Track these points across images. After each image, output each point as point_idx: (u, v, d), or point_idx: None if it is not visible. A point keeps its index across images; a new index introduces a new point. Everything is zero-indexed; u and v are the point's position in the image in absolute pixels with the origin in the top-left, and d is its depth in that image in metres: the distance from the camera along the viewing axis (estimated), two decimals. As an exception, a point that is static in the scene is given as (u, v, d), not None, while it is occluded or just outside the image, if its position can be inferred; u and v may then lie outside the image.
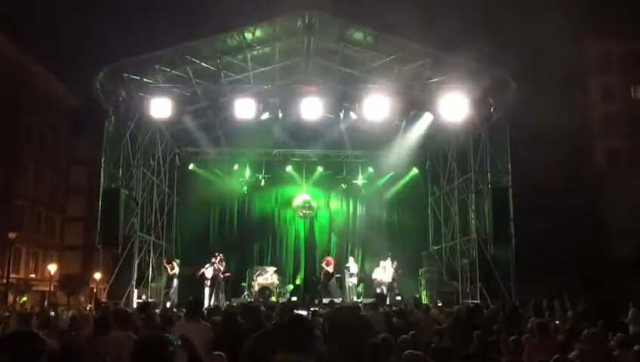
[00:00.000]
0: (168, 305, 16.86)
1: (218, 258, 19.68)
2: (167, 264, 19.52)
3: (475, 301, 16.96)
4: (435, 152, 22.66)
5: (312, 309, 13.70)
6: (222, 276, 19.60)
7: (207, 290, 19.31)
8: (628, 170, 34.22)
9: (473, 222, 19.09)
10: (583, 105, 36.88)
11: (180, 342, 3.53)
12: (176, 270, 19.40)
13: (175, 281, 19.26)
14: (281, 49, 18.73)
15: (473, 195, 19.29)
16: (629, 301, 14.43)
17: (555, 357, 5.30)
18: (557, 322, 10.46)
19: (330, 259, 21.08)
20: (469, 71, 17.56)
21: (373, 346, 6.04)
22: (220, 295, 19.31)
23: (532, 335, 7.33)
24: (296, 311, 7.05)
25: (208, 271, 19.42)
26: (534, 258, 23.05)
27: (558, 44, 32.78)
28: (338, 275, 20.81)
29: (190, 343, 3.64)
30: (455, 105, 17.35)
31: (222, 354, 5.29)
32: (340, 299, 18.97)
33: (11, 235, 28.56)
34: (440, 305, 16.77)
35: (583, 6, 30.71)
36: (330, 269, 20.42)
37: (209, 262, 19.62)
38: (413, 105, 18.73)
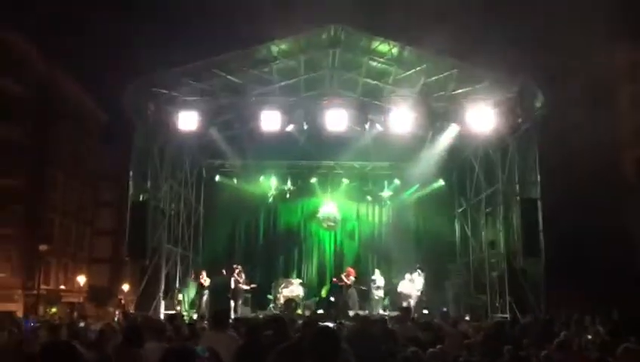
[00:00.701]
0: (195, 317, 16.92)
1: (237, 270, 19.61)
2: (198, 275, 19.56)
3: (505, 315, 16.69)
4: (462, 164, 22.44)
5: (337, 321, 13.61)
6: (242, 288, 19.50)
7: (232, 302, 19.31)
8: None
9: (502, 234, 18.80)
10: (613, 115, 36.23)
11: (207, 354, 3.53)
12: (207, 282, 19.44)
13: (206, 293, 19.29)
14: (307, 62, 18.84)
15: (501, 207, 19.01)
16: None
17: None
18: (589, 337, 10.22)
19: (351, 269, 20.93)
20: (495, 81, 17.42)
21: (403, 359, 5.98)
22: (239, 307, 19.19)
23: (560, 351, 7.16)
24: (322, 323, 7.00)
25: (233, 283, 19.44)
26: (565, 271, 22.59)
27: (587, 53, 32.33)
28: (364, 287, 20.64)
29: (217, 355, 3.64)
30: (482, 116, 17.20)
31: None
32: (366, 311, 18.82)
33: (42, 248, 29.13)
34: (467, 319, 16.52)
35: (612, 14, 30.26)
36: (349, 281, 20.26)
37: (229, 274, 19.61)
38: (439, 116, 18.63)
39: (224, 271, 19.72)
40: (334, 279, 20.77)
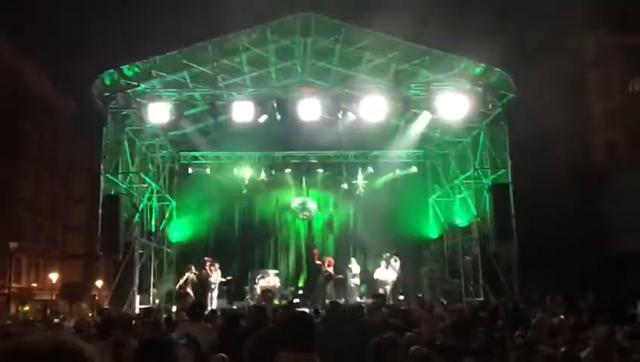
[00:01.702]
0: (174, 309, 16.77)
1: (207, 263, 19.34)
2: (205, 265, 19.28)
3: (479, 298, 16.94)
4: (435, 151, 22.63)
5: (313, 309, 13.67)
6: (210, 281, 19.13)
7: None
8: (628, 164, 34.17)
9: (474, 219, 19.05)
10: (581, 99, 36.88)
11: (184, 341, 3.51)
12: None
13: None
14: (278, 51, 18.73)
15: (474, 192, 19.27)
16: (633, 294, 14.43)
17: (562, 350, 5.27)
18: (562, 317, 10.42)
19: (330, 259, 21.01)
20: (466, 68, 17.55)
21: (376, 345, 6.00)
22: (212, 300, 18.94)
23: (537, 331, 7.29)
24: (297, 309, 7.02)
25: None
26: (537, 254, 22.96)
27: (555, 40, 32.78)
28: (340, 276, 20.74)
29: (195, 341, 3.62)
30: (453, 103, 17.31)
31: (224, 355, 5.25)
32: (343, 299, 18.91)
33: (12, 245, 28.54)
34: (444, 302, 16.72)
35: (579, 0, 30.71)
36: (331, 270, 20.35)
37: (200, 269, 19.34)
38: (412, 104, 18.71)
39: (192, 267, 19.36)
40: (314, 251, 20.78)
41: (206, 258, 19.69)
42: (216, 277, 19.14)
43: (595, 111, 38.31)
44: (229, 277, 19.98)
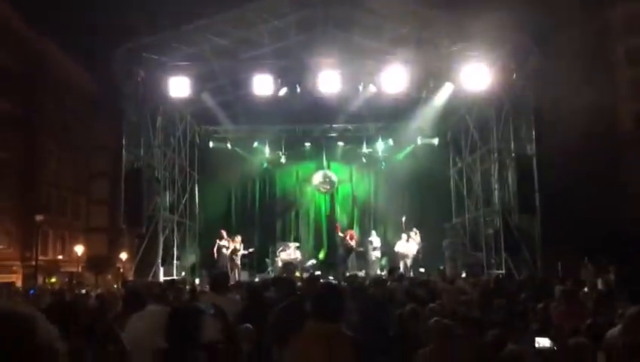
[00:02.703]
0: (197, 281, 17.03)
1: (223, 236, 19.50)
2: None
3: (501, 271, 16.87)
4: (457, 123, 22.35)
5: (336, 281, 13.75)
6: (225, 253, 19.32)
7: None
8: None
9: (497, 192, 18.87)
10: (608, 69, 36.01)
11: (212, 311, 3.55)
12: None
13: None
14: (298, 22, 18.51)
15: (496, 165, 19.04)
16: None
17: (587, 322, 5.22)
18: (585, 290, 10.34)
19: (352, 232, 21.09)
20: (490, 38, 17.19)
21: (399, 317, 6.03)
22: (235, 272, 19.17)
23: (560, 303, 7.23)
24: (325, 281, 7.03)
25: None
26: (560, 227, 22.74)
27: (582, 8, 31.91)
28: (361, 249, 20.83)
29: (222, 312, 3.65)
30: (476, 74, 17.05)
31: (249, 326, 5.31)
32: (364, 271, 19.01)
33: (38, 218, 29.08)
34: (464, 276, 16.70)
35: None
36: (353, 243, 20.43)
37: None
38: (433, 75, 18.47)
39: (224, 233, 19.57)
40: (337, 224, 20.93)
41: (221, 230, 19.86)
42: (227, 250, 19.34)
43: (621, 81, 37.42)
44: (250, 250, 20.16)
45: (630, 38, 37.02)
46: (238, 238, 19.76)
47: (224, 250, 19.11)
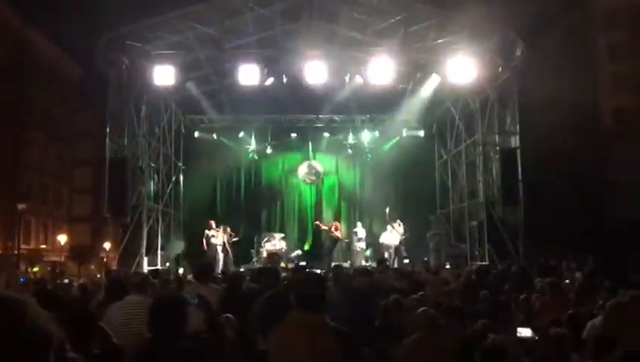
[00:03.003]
0: (181, 271, 16.97)
1: (211, 226, 19.43)
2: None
3: (484, 262, 17.03)
4: (442, 115, 22.44)
5: (321, 270, 13.79)
6: (216, 243, 19.26)
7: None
8: (636, 129, 33.88)
9: (481, 184, 19.02)
10: (591, 64, 36.35)
11: (196, 301, 3.54)
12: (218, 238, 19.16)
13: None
14: (284, 12, 18.40)
15: (481, 157, 19.18)
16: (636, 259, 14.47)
17: (569, 313, 5.29)
18: (567, 281, 10.48)
19: (337, 223, 21.12)
20: (475, 31, 17.23)
21: (384, 307, 6.07)
22: (219, 262, 19.08)
23: (543, 294, 7.32)
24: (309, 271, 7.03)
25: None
26: (543, 219, 23.01)
27: (565, 2, 32.13)
28: (346, 240, 20.89)
29: (206, 302, 3.65)
30: (462, 67, 17.08)
31: (230, 316, 5.30)
32: (348, 262, 19.07)
33: (20, 206, 28.77)
34: (448, 267, 16.84)
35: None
36: (339, 234, 20.48)
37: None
38: (419, 67, 18.49)
39: (212, 223, 19.46)
40: (317, 223, 21.00)
41: (210, 220, 19.78)
42: (220, 239, 19.27)
43: (604, 75, 37.81)
44: (235, 239, 20.09)
45: (611, 32, 37.39)
46: (228, 229, 19.70)
47: (213, 240, 19.04)
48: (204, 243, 18.98)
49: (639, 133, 33.02)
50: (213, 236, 19.06)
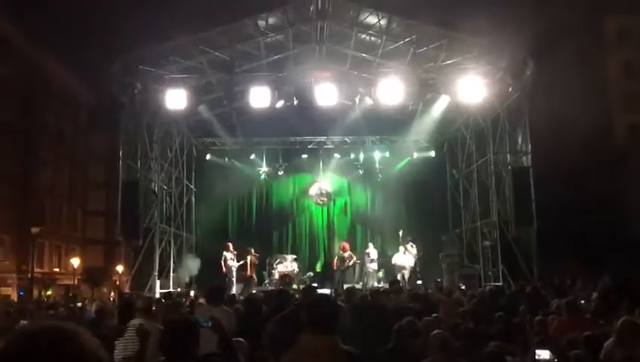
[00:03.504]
0: (192, 293, 16.95)
1: (230, 247, 19.51)
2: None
3: (498, 283, 16.84)
4: (453, 135, 22.44)
5: (332, 290, 13.75)
6: (231, 265, 19.29)
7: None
8: (650, 148, 33.57)
9: (494, 204, 18.90)
10: (603, 82, 36.26)
11: (209, 324, 3.54)
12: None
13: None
14: (295, 35, 18.62)
15: (493, 177, 19.09)
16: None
17: (585, 334, 5.22)
18: (582, 302, 10.33)
19: (345, 244, 21.06)
20: (485, 50, 17.31)
21: (398, 328, 6.01)
22: (233, 285, 19.11)
23: (559, 314, 7.22)
24: (319, 291, 7.01)
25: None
26: (556, 239, 22.74)
27: (576, 21, 32.18)
28: (359, 261, 20.79)
29: (220, 324, 3.64)
30: (472, 87, 17.11)
31: (241, 340, 5.28)
32: (360, 284, 18.96)
33: (34, 230, 28.90)
34: (463, 288, 16.66)
35: (600, -19, 30.08)
36: (346, 254, 20.39)
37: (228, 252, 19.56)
38: (429, 87, 18.52)
39: (252, 250, 19.75)
40: (341, 253, 20.80)
41: (228, 242, 19.82)
42: (233, 261, 19.27)
43: (616, 94, 37.67)
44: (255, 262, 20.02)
45: (624, 50, 37.34)
46: (252, 250, 19.77)
47: (230, 262, 19.08)
48: (223, 266, 18.96)
49: (652, 150, 32.72)
50: (230, 258, 19.08)
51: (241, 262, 19.58)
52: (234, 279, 18.97)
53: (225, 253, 19.13)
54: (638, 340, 5.45)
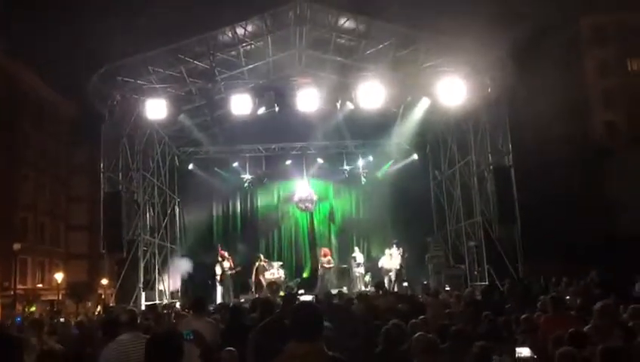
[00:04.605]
0: (178, 305, 16.83)
1: (224, 254, 19.67)
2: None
3: (484, 283, 16.93)
4: (435, 137, 22.55)
5: (314, 295, 13.74)
6: (228, 274, 19.45)
7: (219, 288, 19.27)
8: (627, 144, 34.09)
9: (477, 204, 19.01)
10: (580, 80, 36.75)
11: (192, 337, 3.50)
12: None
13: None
14: (274, 42, 18.60)
15: (475, 177, 19.21)
16: (636, 275, 14.41)
17: (570, 330, 5.24)
18: (567, 298, 10.40)
19: (325, 249, 21.09)
20: (464, 52, 17.42)
21: (385, 332, 5.99)
22: (230, 292, 19.23)
23: (545, 311, 7.26)
24: (302, 298, 6.97)
25: (218, 269, 19.37)
26: (540, 237, 22.94)
27: (553, 21, 32.62)
28: (344, 265, 20.79)
29: (202, 337, 3.60)
30: (452, 88, 17.19)
31: (233, 349, 5.24)
32: (345, 288, 18.95)
33: (16, 246, 28.55)
34: (448, 289, 16.72)
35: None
36: (326, 259, 20.41)
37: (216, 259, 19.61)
38: (410, 90, 18.62)
39: (261, 256, 20.14)
40: (322, 259, 20.88)
41: (221, 250, 19.83)
42: (218, 269, 19.28)
43: (593, 91, 38.20)
44: (238, 268, 20.00)
45: (599, 49, 37.89)
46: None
47: (228, 271, 19.13)
48: (219, 276, 19.07)
49: (630, 146, 33.22)
50: (227, 267, 19.26)
51: (237, 268, 19.59)
52: (231, 287, 19.06)
53: (220, 261, 19.18)
54: (613, 324, 5.52)
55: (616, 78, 37.95)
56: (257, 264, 19.77)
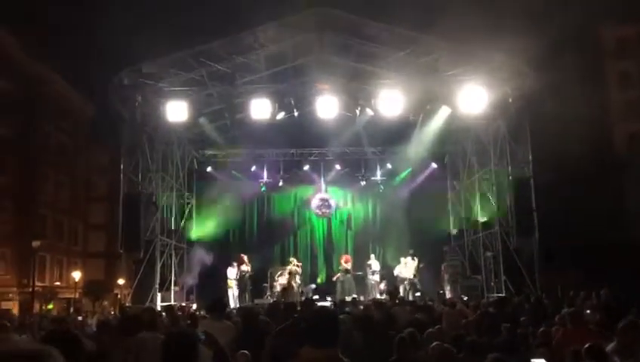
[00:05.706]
0: (194, 307, 16.91)
1: (244, 258, 19.69)
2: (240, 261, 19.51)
3: (500, 294, 16.76)
4: (454, 146, 22.43)
5: (332, 302, 13.70)
6: (247, 278, 19.48)
7: (234, 292, 19.28)
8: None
9: (495, 214, 18.85)
10: (602, 92, 36.31)
11: (204, 338, 3.52)
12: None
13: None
14: (295, 47, 18.66)
15: (494, 188, 19.06)
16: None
17: (588, 344, 5.17)
18: (587, 312, 10.26)
19: (347, 256, 21.01)
20: (485, 62, 17.33)
21: (400, 340, 5.97)
22: (246, 296, 19.29)
23: (563, 325, 7.17)
24: (320, 304, 6.97)
25: (231, 272, 19.39)
26: (558, 248, 22.68)
27: (575, 31, 32.29)
28: (360, 273, 20.72)
29: (214, 339, 3.61)
30: (472, 97, 17.13)
31: (246, 352, 5.25)
32: (362, 296, 18.87)
33: (35, 243, 28.83)
34: (465, 299, 16.59)
35: (599, -8, 30.24)
36: (348, 266, 20.33)
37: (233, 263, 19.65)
38: (430, 98, 18.56)
39: (294, 260, 20.16)
40: (344, 265, 20.80)
41: (242, 254, 19.88)
42: (232, 273, 19.29)
43: (615, 103, 37.72)
44: (251, 273, 20.03)
45: (622, 60, 37.44)
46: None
47: (247, 276, 19.19)
48: (237, 281, 19.12)
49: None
50: (246, 271, 19.28)
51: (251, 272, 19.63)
52: (246, 293, 19.20)
53: (239, 266, 19.18)
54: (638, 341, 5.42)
55: (638, 90, 37.42)
56: (289, 268, 19.67)
